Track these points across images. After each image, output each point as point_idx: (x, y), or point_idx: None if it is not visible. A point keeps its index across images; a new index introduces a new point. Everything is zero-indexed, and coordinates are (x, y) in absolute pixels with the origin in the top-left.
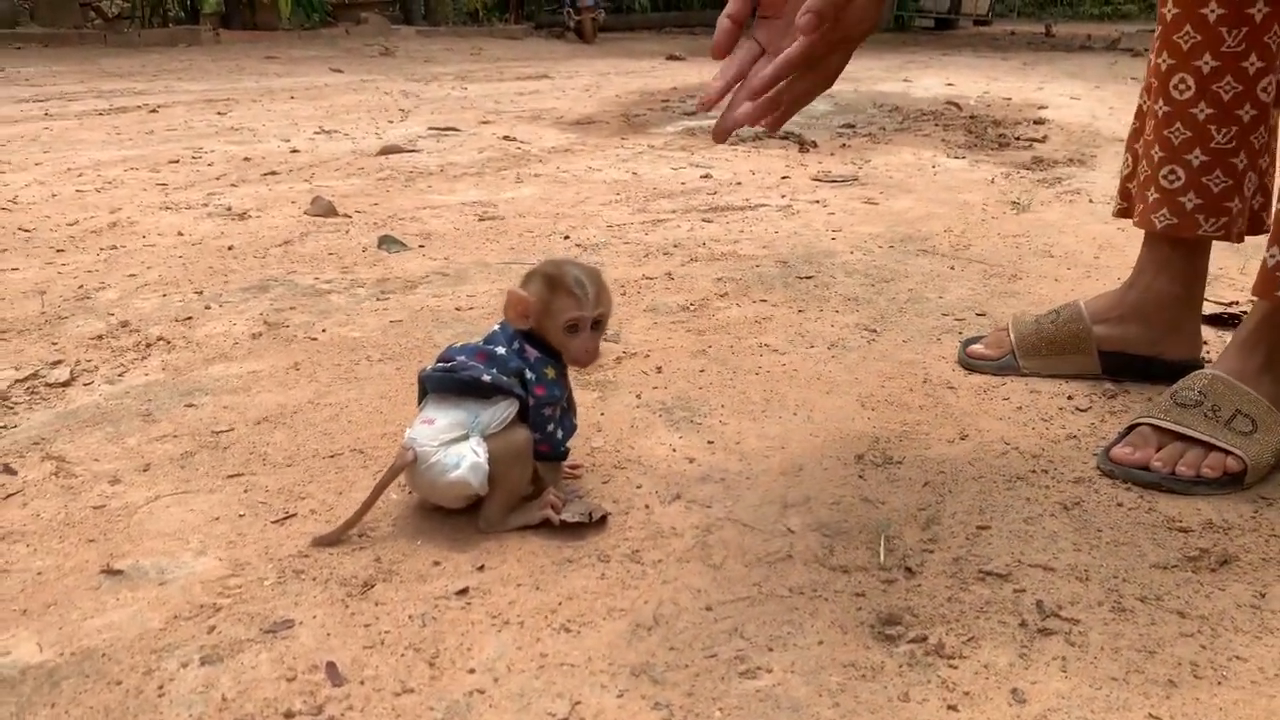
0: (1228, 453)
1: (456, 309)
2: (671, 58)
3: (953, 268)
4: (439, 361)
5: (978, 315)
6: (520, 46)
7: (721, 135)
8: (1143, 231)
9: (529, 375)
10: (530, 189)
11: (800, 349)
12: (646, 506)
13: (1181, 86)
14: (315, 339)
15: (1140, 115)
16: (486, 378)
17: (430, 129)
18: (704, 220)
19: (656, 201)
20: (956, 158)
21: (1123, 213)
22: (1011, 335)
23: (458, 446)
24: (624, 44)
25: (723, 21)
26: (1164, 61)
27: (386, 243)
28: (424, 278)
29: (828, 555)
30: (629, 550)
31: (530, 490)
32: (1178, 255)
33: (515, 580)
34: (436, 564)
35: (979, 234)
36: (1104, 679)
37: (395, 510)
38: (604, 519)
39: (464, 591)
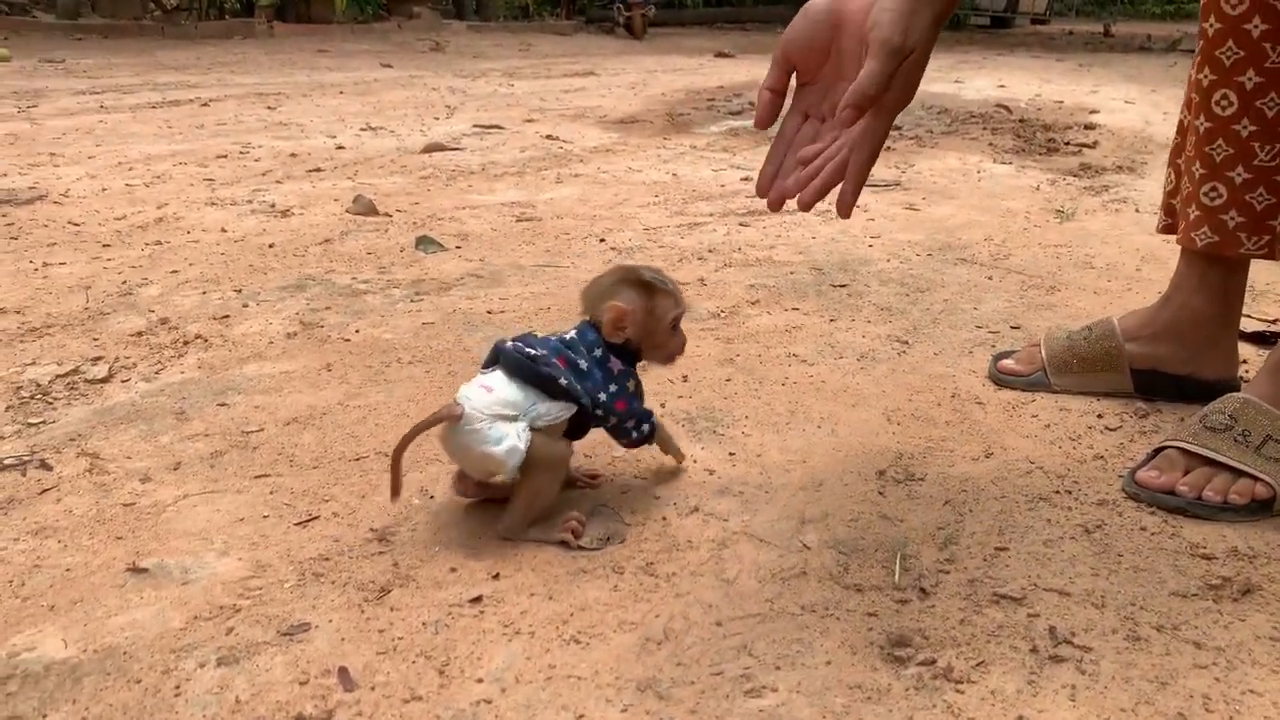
0: (1256, 479)
1: (489, 312)
2: (720, 55)
3: (990, 278)
4: (518, 341)
5: (1012, 328)
6: (569, 42)
7: (776, 205)
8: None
9: (610, 390)
10: (570, 189)
11: (829, 360)
12: (664, 518)
13: (1224, 103)
14: (348, 340)
15: (1182, 130)
16: (564, 381)
17: (475, 126)
18: (741, 224)
19: (695, 204)
20: (1003, 163)
21: (1167, 229)
22: (1043, 351)
23: (505, 425)
24: (674, 40)
25: (763, 94)
26: (1205, 77)
27: (424, 243)
28: (459, 279)
29: (843, 573)
30: (643, 562)
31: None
32: (1215, 272)
33: (529, 590)
34: (453, 570)
35: (1020, 243)
36: (1113, 709)
37: (416, 515)
38: (621, 542)
39: (478, 599)
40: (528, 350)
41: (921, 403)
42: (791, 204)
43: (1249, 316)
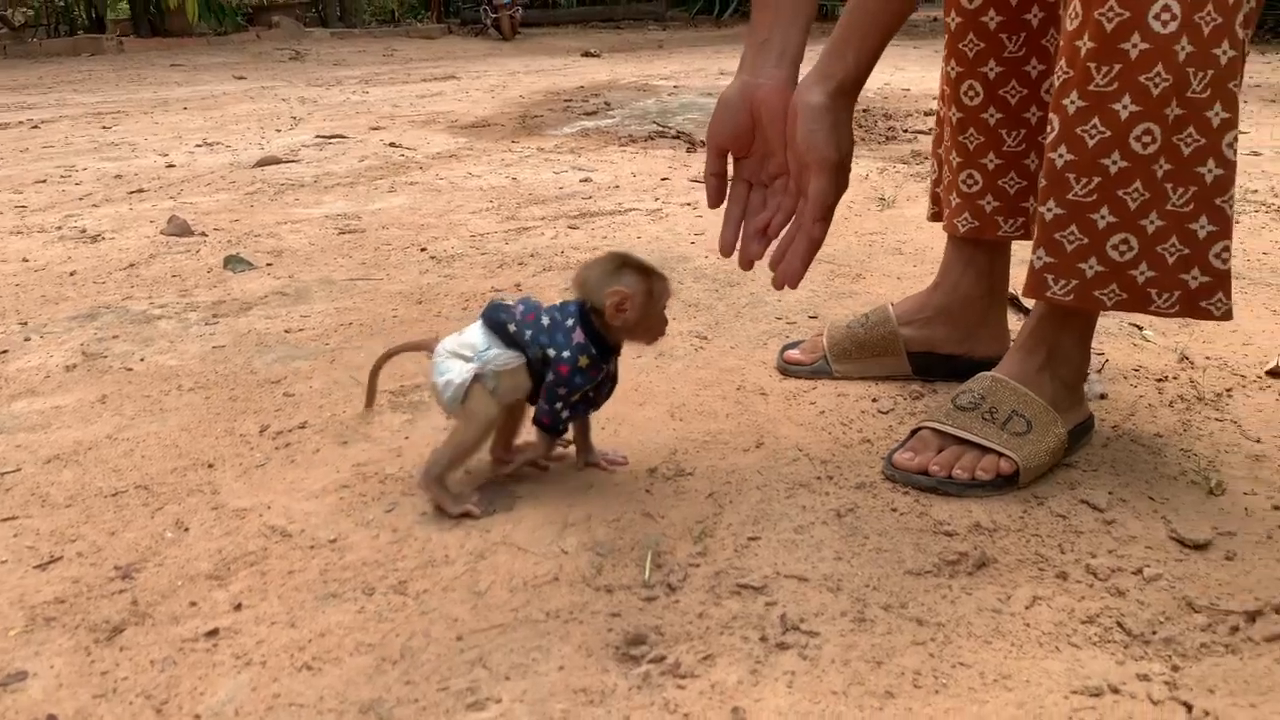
0: (1001, 455)
1: (286, 331)
2: (587, 54)
3: None
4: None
5: (810, 318)
6: (435, 46)
7: (748, 266)
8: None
9: (563, 354)
10: (401, 199)
11: (626, 358)
12: (425, 536)
13: (971, 93)
14: (131, 369)
15: (939, 122)
16: (512, 328)
17: (317, 137)
18: (570, 227)
19: (528, 208)
20: None
21: (935, 217)
22: (825, 340)
23: (456, 362)
24: (544, 40)
25: (710, 180)
26: (953, 69)
27: (232, 262)
28: (262, 298)
29: (595, 575)
30: (396, 581)
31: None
32: (980, 255)
33: (271, 618)
34: (193, 605)
35: (837, 232)
36: (825, 693)
37: (165, 550)
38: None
39: (214, 633)
40: (503, 303)
41: (708, 397)
42: (631, 201)
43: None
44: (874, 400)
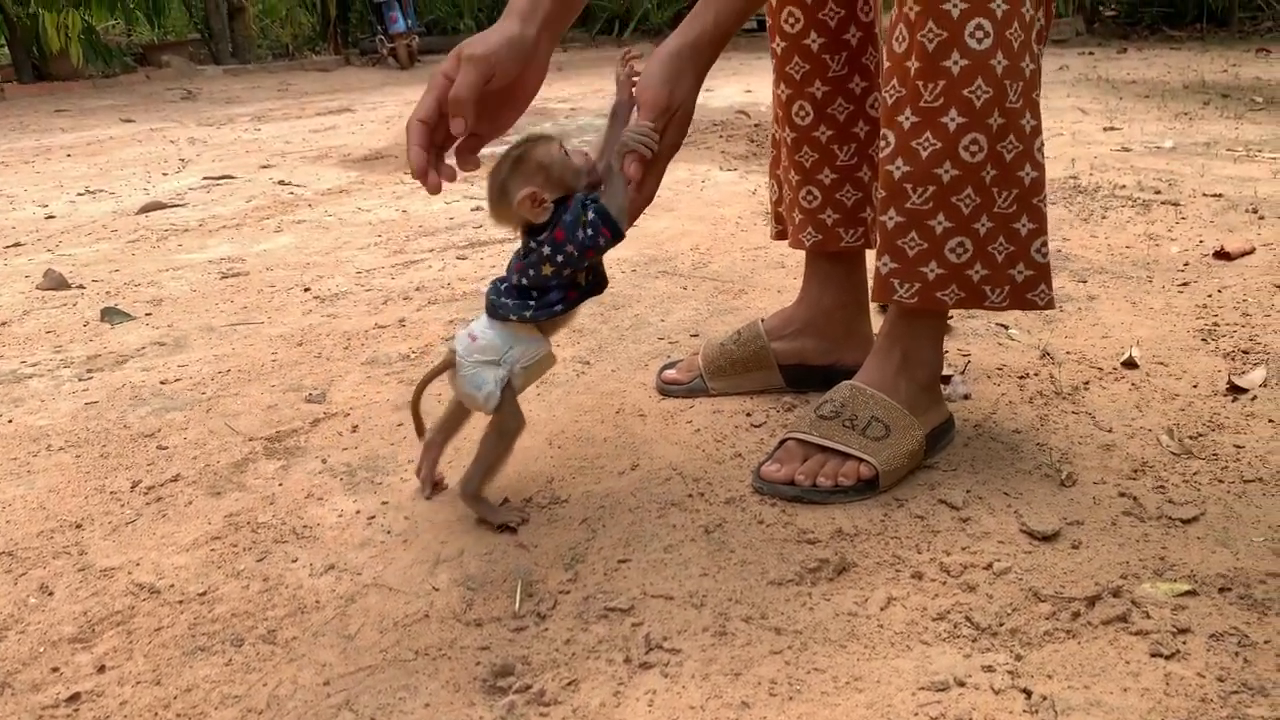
0: (861, 460)
1: (162, 382)
2: None
3: (685, 288)
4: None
5: (691, 337)
6: (331, 78)
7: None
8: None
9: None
10: (288, 238)
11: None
12: (297, 582)
13: (802, 113)
14: None
15: (775, 144)
16: (513, 316)
17: (205, 179)
18: (459, 258)
19: (416, 241)
20: (729, 170)
21: (780, 235)
22: (700, 359)
23: (487, 370)
24: None
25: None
26: (783, 92)
27: (110, 314)
28: (139, 350)
29: (465, 610)
30: (265, 631)
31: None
32: (838, 268)
33: (136, 678)
34: (55, 670)
35: (723, 250)
36: (684, 709)
37: (29, 616)
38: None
39: (75, 698)
40: (498, 284)
41: (587, 422)
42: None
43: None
44: (748, 415)
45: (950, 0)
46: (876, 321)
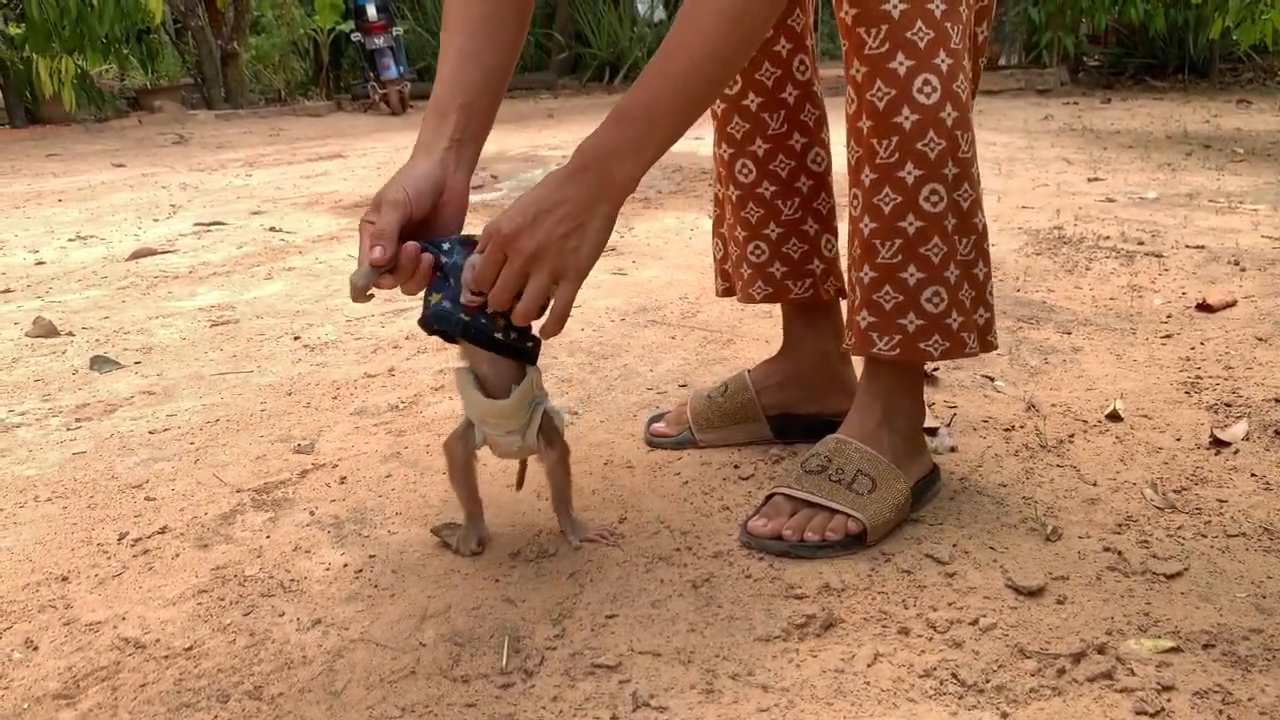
0: (849, 515)
1: (150, 432)
2: None
3: (674, 337)
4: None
5: (680, 387)
6: (323, 124)
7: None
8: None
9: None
10: (279, 285)
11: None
12: (284, 637)
13: (745, 171)
14: None
15: (719, 202)
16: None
17: (195, 225)
18: None
19: None
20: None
21: (726, 292)
22: (688, 411)
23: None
24: None
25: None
26: (725, 151)
27: (99, 363)
28: (128, 399)
29: (452, 666)
30: (251, 686)
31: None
32: (817, 318)
33: None
34: None
35: (711, 299)
36: None
37: (11, 672)
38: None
39: None
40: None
41: (575, 474)
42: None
43: None
44: (735, 467)
45: (896, 59)
46: (858, 366)
